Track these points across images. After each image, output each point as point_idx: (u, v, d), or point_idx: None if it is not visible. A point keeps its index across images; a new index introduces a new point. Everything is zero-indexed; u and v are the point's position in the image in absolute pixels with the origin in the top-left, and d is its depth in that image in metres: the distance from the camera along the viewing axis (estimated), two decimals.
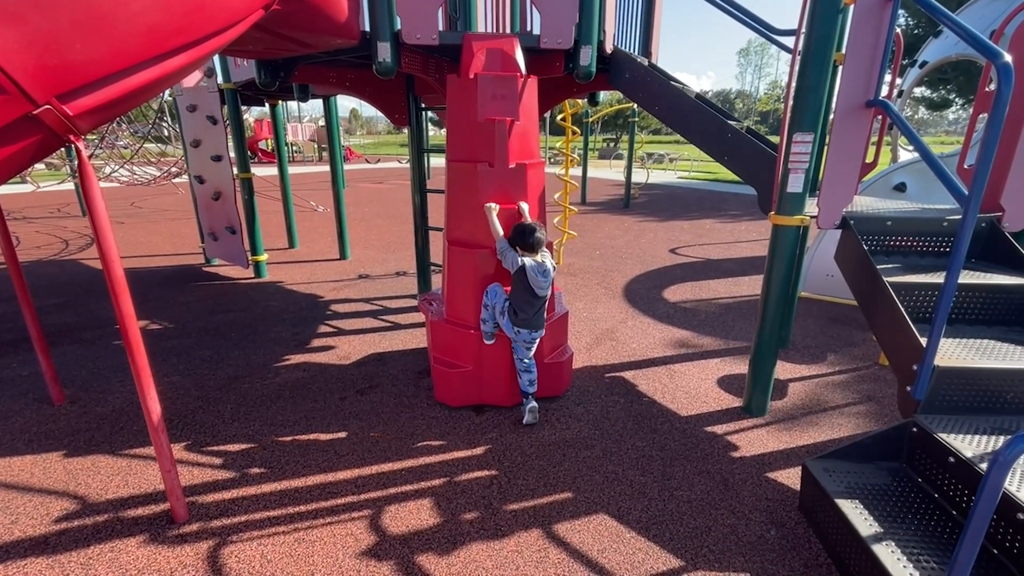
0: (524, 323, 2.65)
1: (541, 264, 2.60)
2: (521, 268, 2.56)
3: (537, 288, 2.58)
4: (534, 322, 2.66)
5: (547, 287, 2.63)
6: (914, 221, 2.52)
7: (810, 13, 2.31)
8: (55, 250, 7.12)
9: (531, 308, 2.62)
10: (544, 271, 2.59)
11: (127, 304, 1.75)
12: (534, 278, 2.56)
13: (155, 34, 1.46)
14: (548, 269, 2.60)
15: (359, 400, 3.05)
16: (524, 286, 2.60)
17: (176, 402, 3.03)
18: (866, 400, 3.11)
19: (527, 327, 2.66)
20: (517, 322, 2.65)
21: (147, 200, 11.82)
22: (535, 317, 2.65)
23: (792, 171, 2.47)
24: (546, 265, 2.61)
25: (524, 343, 2.72)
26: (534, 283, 2.57)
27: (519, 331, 2.67)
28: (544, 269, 2.59)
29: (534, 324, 2.67)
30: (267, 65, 3.32)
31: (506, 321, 2.68)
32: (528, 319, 2.64)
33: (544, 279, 2.59)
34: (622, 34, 4.05)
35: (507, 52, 2.69)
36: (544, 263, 2.61)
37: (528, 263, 2.56)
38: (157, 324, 4.29)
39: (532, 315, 2.64)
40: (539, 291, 2.60)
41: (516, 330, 2.67)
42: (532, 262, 2.58)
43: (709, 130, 2.87)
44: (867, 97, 2.27)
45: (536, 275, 2.56)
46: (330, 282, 5.53)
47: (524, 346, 2.74)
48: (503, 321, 2.70)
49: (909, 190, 4.69)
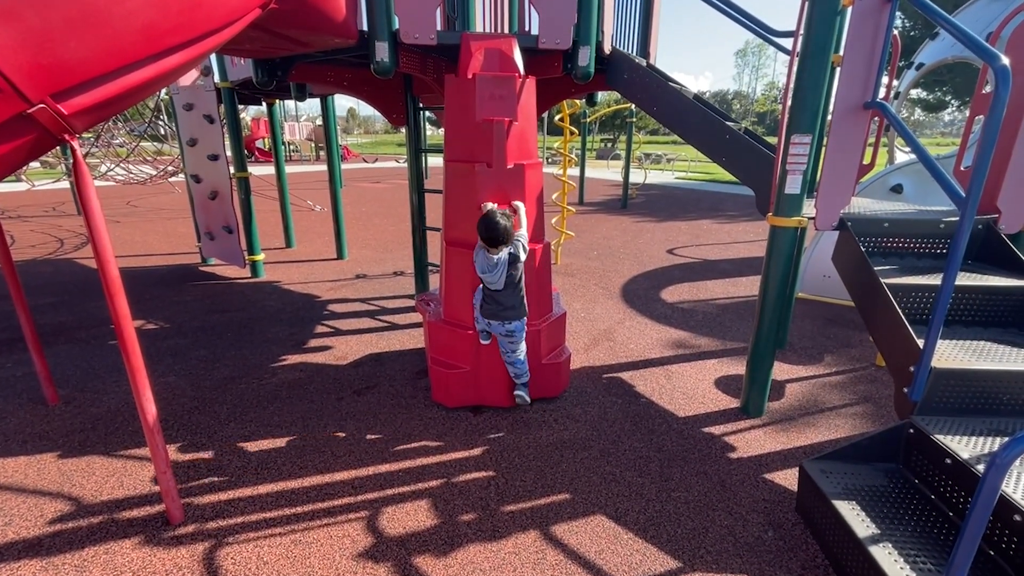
0: (489, 314, 2.64)
1: (488, 258, 2.54)
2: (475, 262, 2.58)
3: (486, 283, 2.57)
4: (501, 314, 2.62)
5: (496, 280, 2.56)
6: (911, 223, 2.53)
7: (808, 15, 2.31)
8: (50, 249, 7.08)
9: (491, 300, 2.62)
10: (491, 265, 2.53)
11: (122, 304, 1.74)
12: (480, 273, 2.57)
13: (150, 33, 1.45)
14: (497, 262, 2.52)
15: (356, 401, 3.04)
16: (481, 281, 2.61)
17: (172, 403, 3.01)
18: (863, 401, 3.12)
19: (494, 318, 2.63)
20: (484, 312, 2.65)
21: (143, 199, 11.76)
22: (500, 310, 2.61)
23: (790, 172, 2.47)
24: (494, 259, 2.52)
25: (500, 335, 2.70)
26: (483, 279, 2.57)
27: (489, 323, 2.66)
28: (491, 263, 2.53)
29: (501, 316, 2.62)
30: (264, 64, 3.31)
31: (477, 314, 2.69)
32: (492, 311, 2.62)
33: (490, 274, 2.54)
34: (620, 35, 4.05)
35: (505, 52, 2.68)
36: (493, 257, 2.53)
37: (476, 257, 2.57)
38: (153, 324, 4.27)
39: (494, 307, 2.61)
40: (488, 285, 2.57)
41: (487, 321, 2.66)
42: (481, 256, 2.57)
43: (707, 131, 2.87)
44: (865, 99, 2.27)
45: (483, 269, 2.55)
46: (327, 282, 5.51)
47: (503, 339, 2.71)
48: (476, 314, 2.71)
49: (906, 191, 4.70)
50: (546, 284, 3.00)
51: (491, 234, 2.48)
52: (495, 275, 2.55)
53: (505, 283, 2.58)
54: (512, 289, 2.61)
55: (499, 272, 2.55)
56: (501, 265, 2.55)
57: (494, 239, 2.49)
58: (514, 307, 2.64)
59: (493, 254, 2.54)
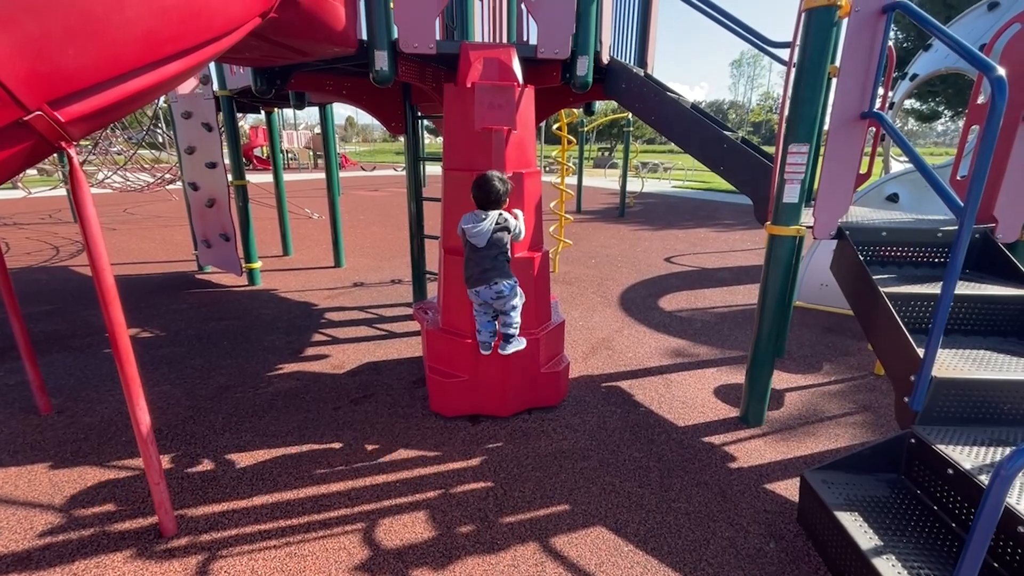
0: (474, 280, 2.50)
1: (477, 214, 2.47)
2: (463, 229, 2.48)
3: (471, 237, 2.44)
4: (485, 276, 2.48)
5: (484, 236, 2.42)
6: (909, 231, 2.53)
7: (804, 26, 2.33)
8: (45, 256, 7.04)
9: (474, 263, 2.49)
10: (480, 218, 2.44)
11: (117, 313, 1.72)
12: (465, 226, 2.46)
13: (150, 41, 1.44)
14: (487, 216, 2.45)
15: (353, 410, 3.01)
16: (466, 243, 2.50)
17: (166, 412, 2.98)
18: (863, 410, 3.11)
19: (479, 283, 2.49)
20: (469, 281, 2.52)
21: (140, 206, 11.75)
22: (482, 272, 2.48)
23: (788, 181, 2.48)
24: (483, 215, 2.45)
25: (491, 301, 2.53)
26: (468, 233, 2.45)
27: (477, 291, 2.52)
28: (480, 217, 2.45)
29: (485, 278, 2.48)
30: (263, 73, 3.31)
31: (469, 291, 2.56)
32: (477, 274, 2.49)
33: (475, 225, 2.43)
34: (618, 44, 4.08)
35: (504, 62, 2.69)
36: (481, 213, 2.46)
37: (464, 217, 2.48)
38: (148, 332, 4.24)
39: (477, 270, 2.48)
40: (474, 240, 2.44)
41: (475, 291, 2.53)
42: (471, 214, 2.48)
43: (705, 140, 2.88)
44: (861, 109, 2.29)
45: (468, 222, 2.45)
46: (325, 290, 5.49)
47: (496, 304, 2.54)
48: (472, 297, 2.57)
49: (902, 200, 4.73)
50: (544, 292, 2.99)
51: (483, 194, 2.44)
52: (481, 227, 2.43)
53: (489, 242, 2.46)
54: (496, 249, 2.50)
55: (486, 226, 2.44)
56: (490, 221, 2.45)
57: (485, 200, 2.45)
58: (496, 268, 2.51)
59: (477, 212, 2.48)
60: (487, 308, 2.63)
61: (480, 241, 2.45)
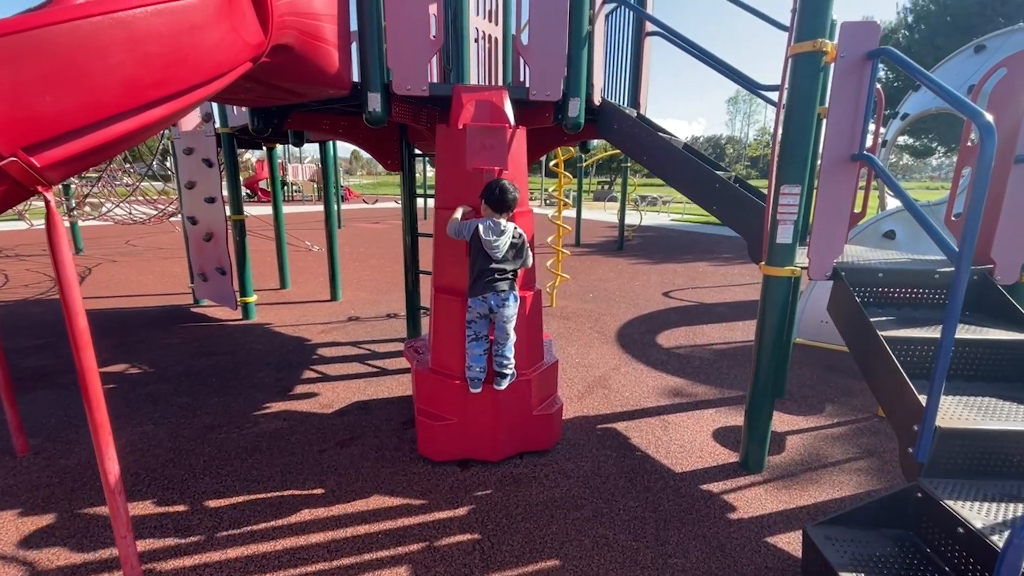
0: (485, 286, 2.49)
1: (497, 223, 2.49)
2: (475, 231, 2.48)
3: (490, 249, 2.46)
4: (498, 283, 2.49)
5: (502, 250, 2.47)
6: (906, 273, 2.49)
7: (792, 70, 2.36)
8: (42, 289, 7.03)
9: (488, 271, 2.48)
10: (500, 230, 2.48)
11: (88, 358, 1.67)
12: (485, 237, 2.46)
13: (133, 87, 1.44)
14: (505, 229, 2.49)
15: (339, 453, 2.91)
16: (478, 248, 2.50)
17: (146, 454, 2.88)
18: (867, 455, 3.00)
19: (490, 289, 2.49)
20: (479, 288, 2.50)
21: (143, 238, 11.84)
22: (498, 279, 2.49)
23: (781, 222, 2.46)
24: (503, 225, 2.49)
25: (495, 310, 2.52)
26: (485, 243, 2.45)
27: (484, 298, 2.51)
28: (499, 228, 2.48)
29: (497, 285, 2.49)
30: (260, 112, 3.36)
31: (473, 300, 2.54)
32: (489, 281, 2.48)
33: (496, 237, 2.46)
34: (612, 86, 4.15)
35: (496, 104, 2.72)
36: (501, 223, 2.50)
37: (482, 224, 2.49)
38: (136, 368, 4.17)
39: (491, 277, 2.48)
40: (492, 252, 2.46)
41: (480, 298, 2.51)
42: (488, 222, 2.50)
43: (697, 180, 2.88)
44: (852, 151, 2.29)
45: (488, 233, 2.47)
46: (319, 324, 5.44)
47: (499, 314, 2.53)
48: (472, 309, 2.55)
49: (898, 237, 4.72)
50: (537, 332, 2.94)
51: (505, 195, 2.48)
52: (503, 239, 2.48)
53: (504, 256, 2.51)
54: (509, 264, 2.54)
55: (506, 239, 2.49)
56: (508, 234, 2.50)
57: (506, 202, 2.48)
58: (506, 280, 2.54)
59: (500, 219, 2.51)
60: (483, 327, 2.61)
61: (498, 253, 2.49)
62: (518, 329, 2.67)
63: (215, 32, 1.65)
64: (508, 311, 2.57)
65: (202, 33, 1.60)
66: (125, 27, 1.38)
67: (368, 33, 2.63)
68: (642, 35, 3.81)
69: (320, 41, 2.35)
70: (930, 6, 17.94)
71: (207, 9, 1.60)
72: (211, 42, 1.65)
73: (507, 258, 2.54)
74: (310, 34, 2.27)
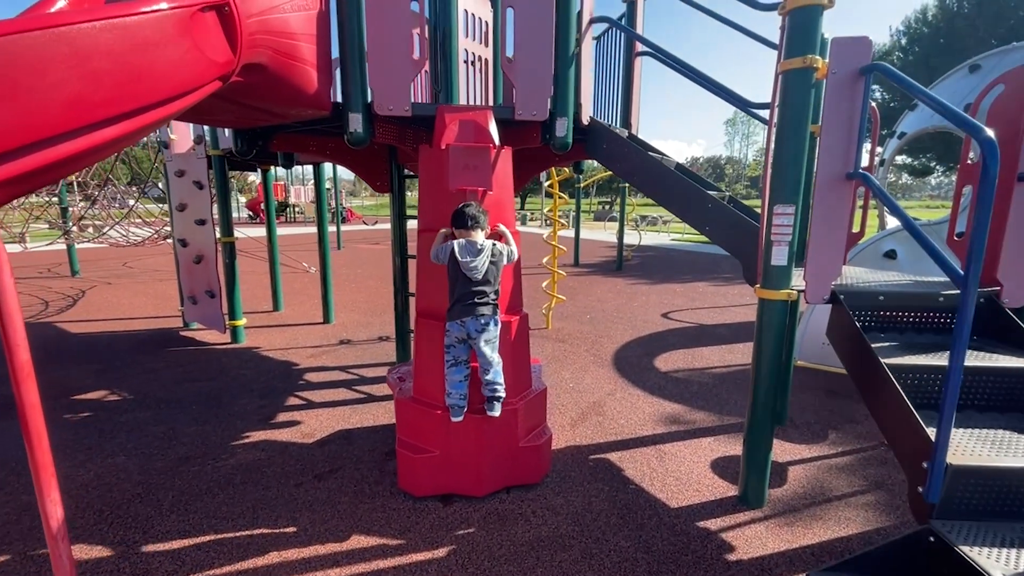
0: (463, 311, 2.40)
1: (472, 242, 2.41)
2: (452, 251, 2.38)
3: (467, 269, 2.36)
4: (478, 308, 2.41)
5: (479, 268, 2.38)
6: (909, 295, 2.38)
7: (782, 88, 2.28)
8: (32, 312, 6.95)
9: (467, 295, 2.39)
10: (474, 250, 2.38)
11: (30, 393, 1.55)
12: (462, 258, 2.36)
13: (79, 105, 1.36)
14: (483, 247, 2.40)
15: (316, 487, 2.76)
16: (455, 270, 2.41)
17: (113, 489, 2.74)
18: (874, 487, 2.83)
19: (468, 314, 2.40)
20: (457, 311, 2.41)
21: (140, 260, 11.81)
22: (477, 304, 2.40)
23: (775, 243, 2.36)
24: (480, 244, 2.40)
25: (474, 334, 2.43)
26: (462, 264, 2.36)
27: (463, 321, 2.41)
28: (475, 248, 2.39)
29: (476, 310, 2.40)
30: (244, 134, 3.31)
31: (451, 324, 2.45)
32: (468, 306, 2.39)
33: (472, 257, 2.37)
34: (602, 106, 4.11)
35: (480, 124, 2.65)
36: (477, 242, 2.41)
37: (457, 243, 2.39)
38: (116, 395, 4.04)
39: (470, 301, 2.40)
40: (470, 272, 2.37)
41: (459, 322, 2.42)
42: (462, 242, 2.41)
43: (689, 200, 2.79)
44: (847, 169, 2.20)
45: (465, 253, 2.37)
46: (309, 348, 5.32)
47: (480, 338, 2.44)
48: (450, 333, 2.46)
49: (900, 257, 4.61)
50: (523, 358, 2.81)
51: (464, 210, 2.41)
52: (480, 259, 2.38)
53: (485, 273, 2.42)
54: (489, 285, 2.45)
55: (484, 258, 2.40)
56: (486, 251, 2.41)
57: (467, 216, 2.40)
58: (487, 302, 2.45)
59: (475, 238, 2.42)
60: (463, 352, 2.51)
61: (477, 274, 2.39)
62: (503, 355, 2.55)
63: (174, 50, 1.58)
64: (488, 335, 2.47)
65: (159, 50, 1.53)
66: (69, 42, 1.30)
67: (349, 52, 2.58)
68: (632, 55, 3.77)
69: (297, 61, 2.29)
70: (923, 28, 18.20)
71: (164, 26, 1.53)
72: (169, 60, 1.58)
73: (488, 279, 2.45)
74: (285, 53, 2.21)
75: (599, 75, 4.10)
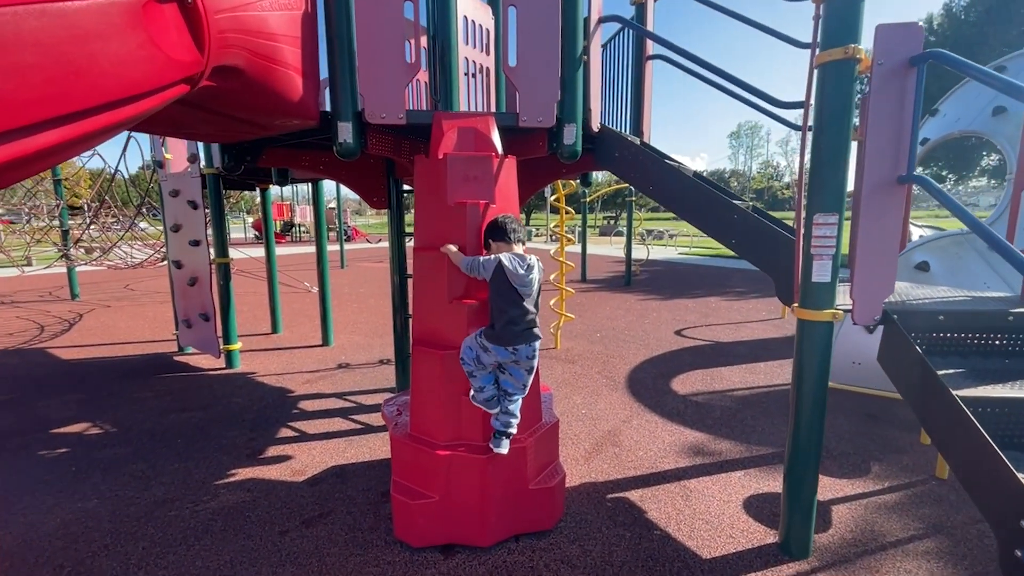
0: (519, 334, 2.17)
1: (522, 257, 2.20)
2: (498, 265, 2.14)
3: (520, 285, 2.14)
4: (532, 330, 2.20)
5: (533, 287, 2.19)
6: (973, 315, 2.09)
7: (819, 83, 2.04)
8: (27, 337, 6.76)
9: (521, 317, 2.16)
10: (528, 265, 2.18)
11: None
12: (514, 272, 2.13)
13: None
14: (531, 263, 2.21)
15: (303, 535, 2.48)
16: (506, 288, 2.15)
17: (78, 540, 2.46)
18: (933, 531, 2.50)
19: (523, 339, 2.18)
20: (512, 336, 2.16)
21: (142, 282, 11.67)
22: (531, 324, 2.20)
23: (816, 257, 2.08)
24: (529, 259, 2.21)
25: (522, 361, 2.23)
26: (515, 279, 2.13)
27: (516, 349, 2.18)
28: (527, 263, 2.19)
29: (530, 333, 2.20)
30: (231, 149, 3.11)
31: (498, 349, 2.19)
32: (525, 328, 2.17)
33: (527, 273, 2.16)
34: (613, 113, 3.89)
35: (481, 131, 2.43)
36: (526, 256, 2.22)
37: (505, 256, 2.16)
38: (98, 428, 3.78)
39: (526, 323, 2.18)
40: (523, 289, 2.15)
41: (512, 349, 2.18)
42: (510, 255, 2.18)
43: (711, 211, 2.54)
44: (898, 172, 1.93)
45: (517, 267, 2.14)
46: (305, 373, 5.06)
47: (523, 367, 2.25)
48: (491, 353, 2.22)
49: (933, 269, 4.31)
50: (533, 387, 2.53)
51: (508, 224, 2.22)
52: (534, 275, 2.19)
53: (536, 292, 2.24)
54: (537, 301, 2.26)
55: (536, 273, 2.20)
56: (536, 267, 2.21)
57: (517, 231, 2.23)
58: (537, 325, 2.26)
59: (520, 251, 2.23)
60: (488, 380, 2.30)
61: (530, 290, 2.18)
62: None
63: (122, 44, 1.36)
64: (535, 361, 2.28)
65: (102, 43, 1.31)
66: None
67: (338, 56, 2.37)
68: (643, 58, 3.55)
69: (277, 64, 2.08)
70: (929, 37, 18.07)
71: (109, 15, 1.31)
72: (116, 55, 1.36)
73: (536, 298, 2.25)
74: (265, 56, 2.00)
75: (607, 82, 3.89)
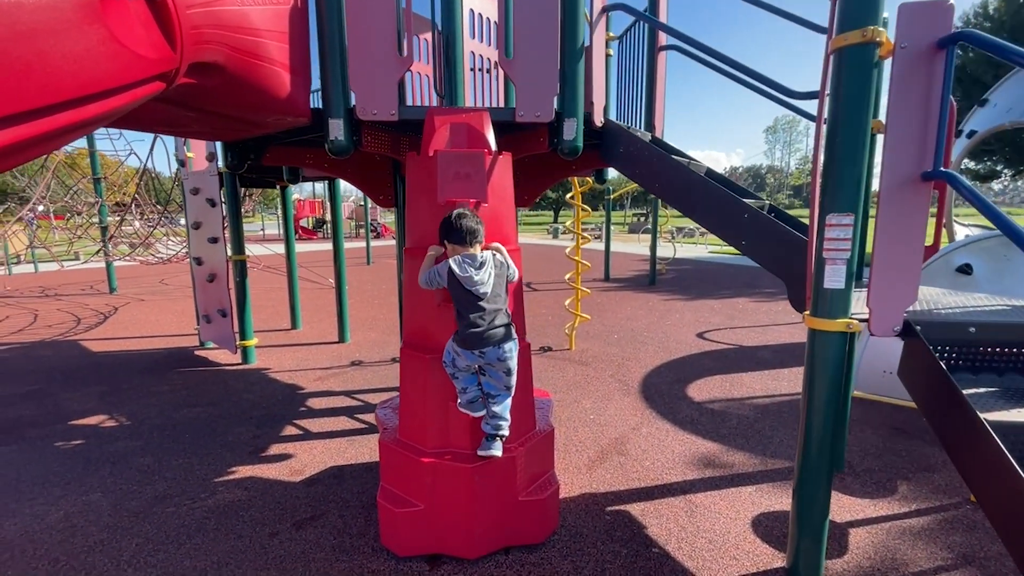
0: (476, 338, 2.07)
1: (470, 255, 2.07)
2: (449, 271, 2.04)
3: (471, 286, 2.02)
4: (491, 332, 2.08)
5: (487, 283, 2.05)
6: (1010, 327, 1.87)
7: (835, 70, 1.85)
8: (63, 329, 7.07)
9: (477, 320, 2.06)
10: (479, 264, 2.05)
11: None
12: (463, 275, 2.02)
13: None
14: (484, 260, 2.07)
15: (291, 538, 2.45)
16: (461, 293, 2.06)
17: (77, 534, 2.51)
18: (963, 563, 2.28)
19: (484, 343, 2.08)
20: (469, 341, 2.07)
21: (176, 276, 12.09)
22: (489, 328, 2.08)
23: (829, 261, 1.91)
24: (481, 257, 2.08)
25: (493, 364, 2.14)
26: (465, 281, 2.02)
27: (482, 352, 2.09)
28: (475, 260, 2.06)
29: (491, 336, 2.08)
30: (234, 147, 3.12)
31: (466, 353, 2.11)
32: (481, 332, 2.06)
33: (475, 271, 2.03)
34: (624, 108, 3.73)
35: (474, 127, 2.33)
36: (476, 255, 2.08)
37: (455, 260, 2.06)
38: (113, 421, 3.89)
39: (483, 326, 2.06)
40: (474, 288, 2.03)
41: (478, 352, 2.09)
42: (460, 257, 2.07)
43: (720, 210, 2.37)
44: (923, 167, 1.74)
45: (465, 269, 2.03)
46: (318, 370, 5.09)
47: (497, 369, 2.16)
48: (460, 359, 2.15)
49: (976, 273, 3.98)
50: (525, 394, 2.43)
51: (462, 222, 2.06)
52: (483, 273, 2.05)
53: (493, 288, 2.09)
54: (500, 301, 2.14)
55: (488, 270, 2.07)
56: (489, 263, 2.08)
57: (468, 230, 2.06)
58: (506, 324, 2.15)
59: (474, 251, 2.09)
60: (471, 380, 2.23)
61: (484, 289, 2.06)
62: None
63: (77, 41, 1.33)
64: (510, 362, 2.17)
65: (53, 40, 1.28)
66: None
67: (328, 51, 2.32)
68: (656, 49, 3.39)
69: (261, 61, 2.03)
70: (985, 23, 16.93)
71: (61, 11, 1.28)
72: (72, 52, 1.32)
73: (497, 293, 2.13)
74: (247, 52, 1.96)
75: (625, 74, 3.74)
